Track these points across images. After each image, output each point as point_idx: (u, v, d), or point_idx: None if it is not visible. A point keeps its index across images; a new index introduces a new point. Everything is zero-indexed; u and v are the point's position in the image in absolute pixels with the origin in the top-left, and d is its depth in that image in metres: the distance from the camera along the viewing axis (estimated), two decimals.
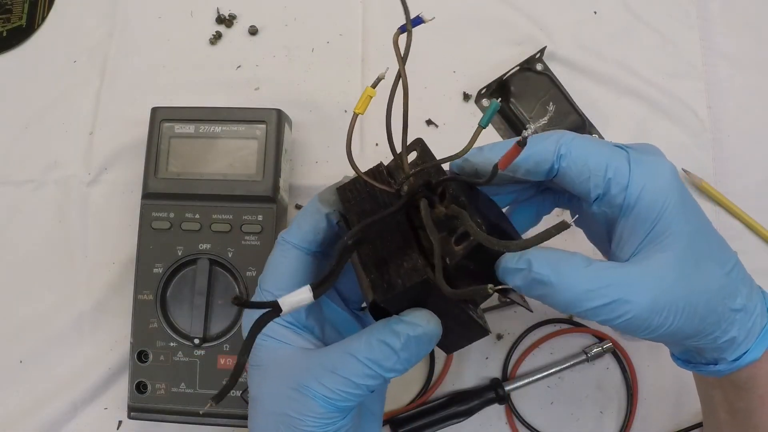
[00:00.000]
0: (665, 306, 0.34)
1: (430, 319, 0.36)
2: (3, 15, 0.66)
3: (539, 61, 0.63)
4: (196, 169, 0.55)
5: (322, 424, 0.36)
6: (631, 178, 0.36)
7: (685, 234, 0.36)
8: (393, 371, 0.36)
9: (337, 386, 0.36)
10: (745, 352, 0.37)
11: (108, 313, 0.59)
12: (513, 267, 0.34)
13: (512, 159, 0.33)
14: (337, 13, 0.65)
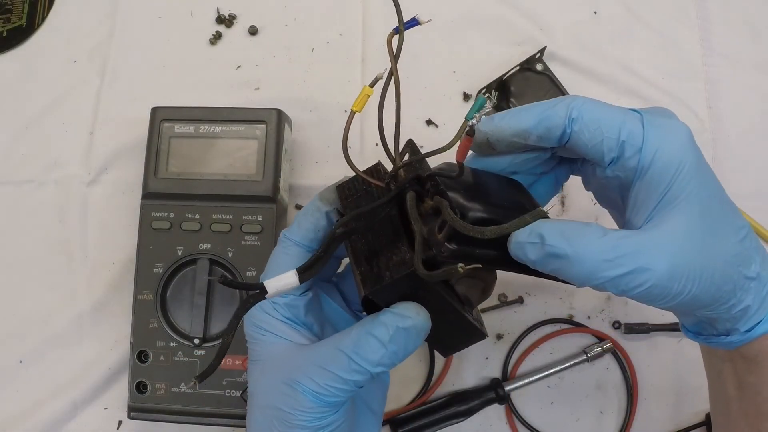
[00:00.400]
0: (683, 272, 0.33)
1: (419, 311, 0.36)
2: (3, 15, 0.66)
3: (539, 61, 0.63)
4: (196, 169, 0.55)
5: (313, 418, 0.36)
6: (645, 140, 0.35)
7: (701, 198, 0.35)
8: (380, 365, 0.36)
9: (325, 381, 0.36)
10: (759, 322, 0.37)
11: (108, 313, 0.59)
12: (525, 241, 0.34)
13: (466, 150, 0.34)
14: (337, 13, 0.65)
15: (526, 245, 0.34)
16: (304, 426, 0.36)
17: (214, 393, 0.52)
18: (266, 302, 0.40)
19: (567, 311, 0.59)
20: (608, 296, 0.59)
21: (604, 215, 0.61)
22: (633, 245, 0.33)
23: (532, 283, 0.59)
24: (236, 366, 0.52)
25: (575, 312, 0.59)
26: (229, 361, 0.52)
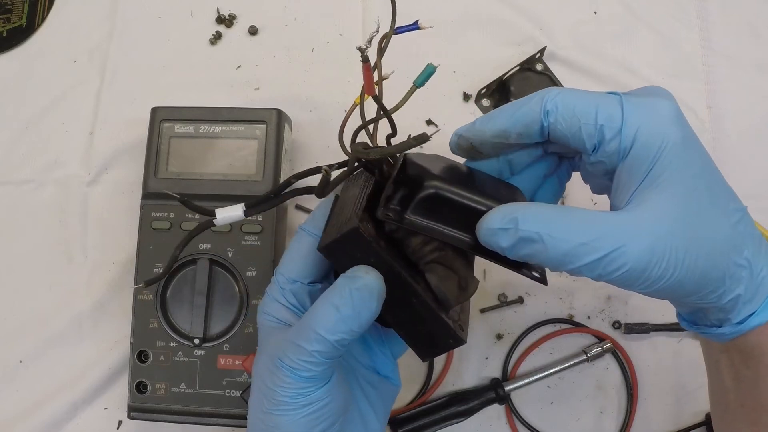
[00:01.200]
0: (664, 255, 0.32)
1: (369, 271, 0.36)
2: (3, 15, 0.66)
3: (539, 61, 0.63)
4: (196, 169, 0.55)
5: (295, 394, 0.37)
6: (624, 121, 0.34)
7: (686, 177, 0.33)
8: (336, 332, 0.35)
9: (297, 356, 0.36)
10: (751, 314, 0.35)
11: (108, 313, 0.59)
12: (498, 227, 0.33)
13: (371, 80, 0.36)
14: (337, 13, 0.65)
15: (499, 232, 0.33)
16: (287, 402, 0.37)
17: (214, 393, 0.52)
18: (275, 287, 0.41)
19: (567, 311, 0.59)
20: (608, 296, 0.59)
21: None
22: (609, 226, 0.32)
23: (532, 283, 0.59)
24: (236, 366, 0.52)
25: (575, 312, 0.59)
26: (229, 361, 0.52)
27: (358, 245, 0.37)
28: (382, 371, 0.45)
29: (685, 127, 0.35)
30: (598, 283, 0.59)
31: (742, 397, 0.39)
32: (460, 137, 0.40)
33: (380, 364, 0.45)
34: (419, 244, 0.38)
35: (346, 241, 0.37)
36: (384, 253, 0.37)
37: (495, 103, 0.63)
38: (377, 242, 0.37)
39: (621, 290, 0.59)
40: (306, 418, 0.37)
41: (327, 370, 0.37)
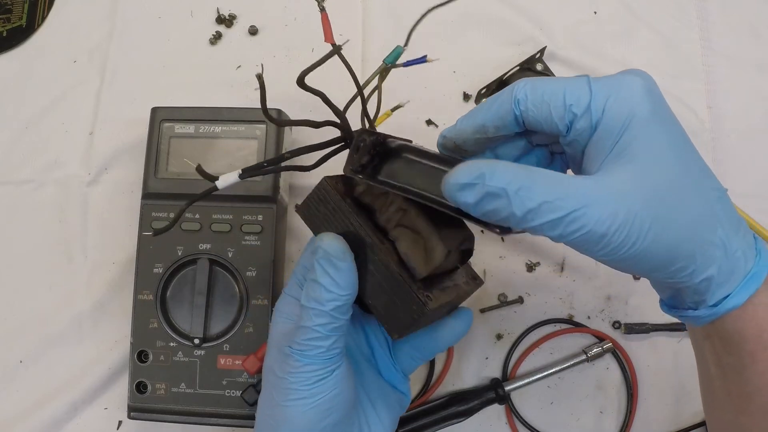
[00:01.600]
0: (627, 221, 0.32)
1: (325, 236, 0.39)
2: (3, 15, 0.66)
3: (539, 61, 0.63)
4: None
5: (304, 379, 0.38)
6: (592, 96, 0.34)
7: (656, 149, 0.34)
8: (328, 301, 0.38)
9: (302, 337, 0.39)
10: (726, 296, 0.35)
11: (108, 313, 0.59)
12: (464, 182, 0.33)
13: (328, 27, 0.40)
14: (337, 13, 0.65)
15: (465, 187, 0.33)
16: (297, 390, 0.38)
17: (214, 393, 0.52)
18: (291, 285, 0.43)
19: (567, 311, 0.59)
20: (608, 296, 0.59)
21: None
22: (573, 188, 0.32)
23: (532, 283, 0.59)
24: (236, 366, 0.52)
25: (575, 312, 0.59)
26: (229, 361, 0.52)
27: (327, 202, 0.40)
28: (391, 382, 0.46)
29: (656, 101, 0.35)
30: (598, 283, 0.60)
31: (728, 385, 0.39)
32: (444, 138, 0.41)
33: (390, 375, 0.46)
34: (385, 205, 0.40)
35: (317, 198, 0.41)
36: (349, 210, 0.39)
37: None
38: (343, 198, 0.40)
39: (621, 290, 0.59)
40: (315, 410, 0.38)
41: (334, 352, 0.39)
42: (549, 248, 0.60)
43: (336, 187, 0.41)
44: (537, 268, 0.60)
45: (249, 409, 0.51)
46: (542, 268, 0.60)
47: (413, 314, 0.38)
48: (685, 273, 0.34)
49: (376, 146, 0.41)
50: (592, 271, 0.59)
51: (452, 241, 0.40)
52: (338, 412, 0.40)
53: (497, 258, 0.60)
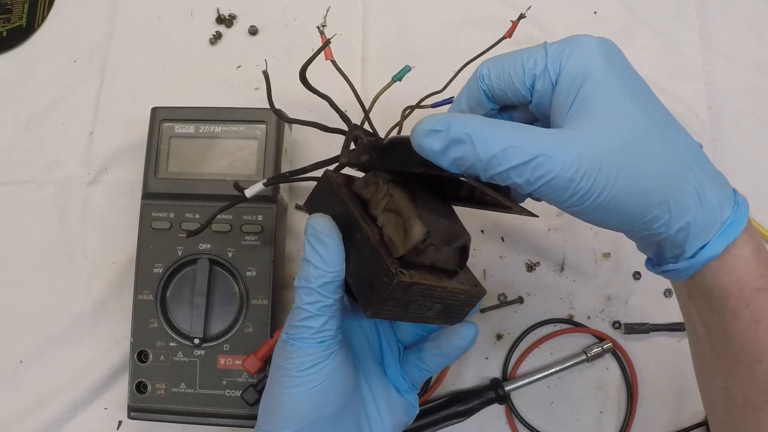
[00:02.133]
0: (593, 167, 0.32)
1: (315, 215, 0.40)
2: (3, 15, 0.66)
3: None
4: (196, 169, 0.55)
5: (300, 363, 0.39)
6: (548, 58, 0.36)
7: (615, 99, 0.34)
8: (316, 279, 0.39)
9: (295, 320, 0.40)
10: (704, 246, 0.35)
11: (108, 313, 0.59)
12: (430, 129, 0.34)
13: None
14: (337, 13, 0.65)
15: (432, 134, 0.34)
16: (291, 376, 0.39)
17: (214, 393, 0.52)
18: None
19: (567, 311, 0.59)
20: (608, 296, 0.59)
21: None
22: (538, 134, 0.33)
23: (532, 283, 0.59)
24: (236, 366, 0.52)
25: (575, 312, 0.59)
26: (229, 361, 0.52)
27: (327, 192, 0.43)
28: (399, 390, 0.46)
29: (611, 56, 0.35)
30: (598, 283, 0.60)
31: (716, 348, 0.38)
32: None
33: (397, 383, 0.46)
34: (376, 194, 0.42)
35: (318, 190, 0.44)
36: (343, 196, 0.41)
37: None
38: (340, 187, 0.42)
39: (621, 290, 0.59)
40: (308, 398, 0.39)
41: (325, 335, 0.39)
42: (549, 248, 0.60)
43: (335, 179, 0.43)
44: (537, 268, 0.60)
45: (249, 409, 0.51)
46: (542, 268, 0.60)
47: (385, 287, 0.38)
48: (660, 222, 0.34)
49: (376, 148, 0.42)
50: (592, 271, 0.59)
51: (436, 225, 0.40)
52: (333, 404, 0.40)
53: (497, 258, 0.60)
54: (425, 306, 0.41)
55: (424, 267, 0.41)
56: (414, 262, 0.40)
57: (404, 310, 0.40)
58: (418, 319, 0.42)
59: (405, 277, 0.38)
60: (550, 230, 0.60)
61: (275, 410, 0.40)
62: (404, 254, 0.39)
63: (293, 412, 0.39)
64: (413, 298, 0.39)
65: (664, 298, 0.59)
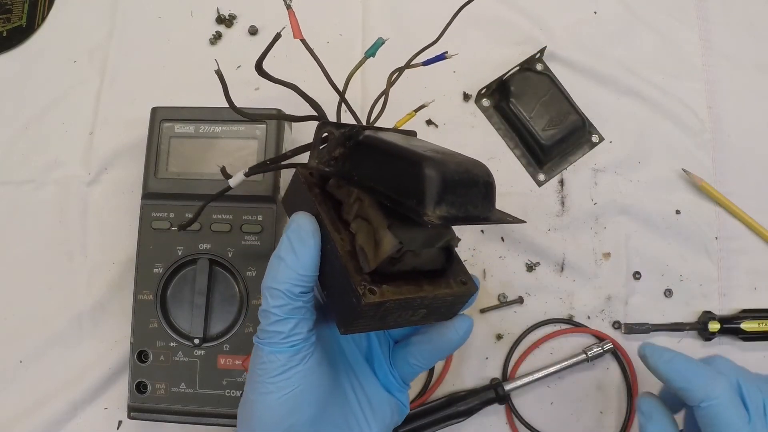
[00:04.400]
0: None
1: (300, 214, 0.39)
2: (3, 15, 0.66)
3: (539, 61, 0.63)
4: (196, 169, 0.55)
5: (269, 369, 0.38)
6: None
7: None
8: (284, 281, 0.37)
9: (263, 324, 0.38)
10: None
11: (108, 313, 0.59)
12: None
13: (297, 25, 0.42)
14: (337, 13, 0.65)
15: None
16: (263, 382, 0.38)
17: (214, 393, 0.52)
18: None
19: (567, 311, 0.59)
20: (608, 296, 0.59)
21: (604, 215, 0.61)
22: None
23: (532, 283, 0.59)
24: (236, 366, 0.52)
25: (575, 312, 0.59)
26: (229, 361, 0.52)
27: (298, 192, 0.40)
28: (389, 389, 0.45)
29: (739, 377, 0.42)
30: (598, 283, 0.60)
31: None
32: (642, 356, 0.45)
33: (387, 382, 0.45)
34: (348, 197, 0.39)
35: (292, 188, 0.41)
36: (312, 199, 0.39)
37: (495, 103, 0.63)
38: (311, 188, 0.40)
39: (621, 290, 0.59)
40: (282, 405, 0.38)
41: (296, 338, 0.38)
42: (549, 248, 0.60)
43: (306, 178, 0.40)
44: (537, 268, 0.60)
45: None
46: (542, 268, 0.60)
47: (353, 307, 0.36)
48: None
49: (349, 138, 0.40)
50: (592, 271, 0.59)
51: (411, 236, 0.37)
52: (310, 409, 0.39)
53: (497, 258, 0.60)
54: (407, 314, 0.39)
55: (403, 274, 0.38)
56: (390, 272, 0.38)
57: (382, 322, 0.38)
58: (402, 325, 0.40)
59: (374, 296, 0.36)
60: (550, 230, 0.60)
61: (250, 417, 0.39)
62: (377, 267, 0.37)
63: (268, 419, 0.38)
64: (389, 311, 0.37)
65: (664, 298, 0.59)
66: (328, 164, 0.40)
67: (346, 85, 0.43)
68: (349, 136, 0.40)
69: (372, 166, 0.38)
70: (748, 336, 0.58)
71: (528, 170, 0.62)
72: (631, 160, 0.62)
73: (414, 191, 0.35)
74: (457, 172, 0.36)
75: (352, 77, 0.43)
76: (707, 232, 0.61)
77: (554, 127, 0.60)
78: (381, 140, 0.39)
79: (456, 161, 0.37)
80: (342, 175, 0.40)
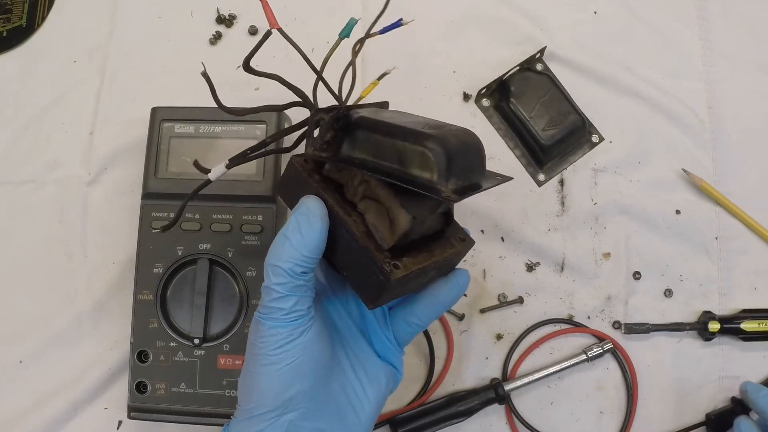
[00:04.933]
0: None
1: (309, 197, 0.40)
2: (3, 15, 0.66)
3: (539, 61, 0.63)
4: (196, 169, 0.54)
5: (271, 342, 0.39)
6: None
7: None
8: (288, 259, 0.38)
9: (265, 299, 0.39)
10: None
11: (108, 313, 0.59)
12: None
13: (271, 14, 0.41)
14: (337, 13, 0.65)
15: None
16: (264, 354, 0.39)
17: (214, 393, 0.52)
18: None
19: (567, 311, 0.59)
20: (608, 296, 0.59)
21: (604, 215, 0.61)
22: None
23: (532, 283, 0.59)
24: (236, 366, 0.52)
25: (575, 312, 0.59)
26: (229, 361, 0.52)
27: (297, 180, 0.41)
28: (384, 356, 0.46)
29: None
30: (598, 283, 0.60)
31: None
32: (743, 392, 0.54)
33: (383, 348, 0.45)
34: (350, 179, 0.41)
35: (288, 178, 0.41)
36: (316, 187, 0.40)
37: (495, 103, 0.63)
38: (310, 175, 0.41)
39: (621, 290, 0.59)
40: (283, 376, 0.39)
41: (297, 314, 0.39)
42: (549, 248, 0.60)
43: (303, 166, 0.41)
44: (537, 268, 0.60)
45: None
46: (542, 268, 0.60)
47: (381, 284, 0.39)
48: None
49: (338, 120, 0.41)
50: (592, 271, 0.59)
51: (419, 208, 0.40)
52: (309, 379, 0.40)
53: (497, 258, 0.60)
54: (422, 278, 0.42)
55: (414, 243, 0.41)
56: (403, 244, 0.40)
57: (403, 289, 0.41)
58: (417, 289, 0.43)
59: (399, 271, 0.39)
60: (550, 230, 0.60)
61: (252, 389, 0.40)
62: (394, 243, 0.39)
63: (270, 390, 0.40)
64: (410, 280, 0.40)
65: (664, 298, 0.59)
66: (322, 149, 0.41)
67: (323, 66, 0.43)
68: (337, 118, 0.41)
69: (372, 148, 0.40)
70: (748, 336, 0.58)
71: (528, 170, 0.62)
72: (631, 160, 0.62)
73: (424, 170, 0.38)
74: (457, 144, 0.39)
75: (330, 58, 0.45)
76: (707, 232, 0.61)
77: (554, 127, 0.60)
78: (377, 121, 0.40)
79: (451, 133, 0.39)
80: (342, 160, 0.40)
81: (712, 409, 0.58)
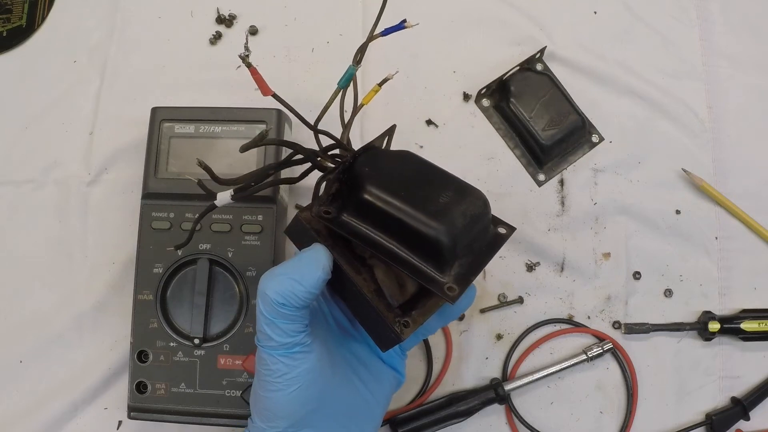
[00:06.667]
0: None
1: (319, 245, 0.40)
2: (3, 15, 0.66)
3: (539, 61, 0.63)
4: (197, 169, 0.54)
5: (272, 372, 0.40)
6: None
7: None
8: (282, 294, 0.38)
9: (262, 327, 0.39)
10: None
11: (108, 313, 0.59)
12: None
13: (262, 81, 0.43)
14: (337, 13, 0.65)
15: None
16: (270, 381, 0.40)
17: (214, 393, 0.52)
18: None
19: (567, 311, 0.59)
20: (608, 296, 0.59)
21: (604, 215, 0.61)
22: None
23: (532, 283, 0.59)
24: (236, 366, 0.52)
25: (575, 312, 0.59)
26: (229, 361, 0.52)
27: (303, 232, 0.41)
28: (388, 360, 0.46)
29: None
30: (598, 283, 0.60)
31: None
32: None
33: (387, 353, 0.46)
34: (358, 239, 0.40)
35: (295, 231, 0.42)
36: (325, 244, 0.40)
37: (495, 103, 0.63)
38: (319, 233, 0.40)
39: (621, 290, 0.59)
40: (293, 399, 0.40)
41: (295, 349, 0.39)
42: (549, 248, 0.60)
43: (310, 222, 0.41)
44: (537, 268, 0.60)
45: (249, 410, 0.51)
46: (542, 268, 0.60)
47: (392, 340, 0.40)
48: None
49: (343, 173, 0.41)
50: (592, 271, 0.59)
51: None
52: (317, 399, 0.41)
53: (497, 258, 0.60)
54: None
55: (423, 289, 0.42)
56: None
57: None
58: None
59: (409, 329, 0.39)
60: (550, 230, 0.60)
61: (265, 410, 0.41)
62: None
63: (281, 412, 0.41)
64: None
65: (664, 298, 0.59)
66: (328, 205, 0.41)
67: (319, 119, 0.43)
68: (342, 171, 0.41)
69: (379, 218, 0.39)
70: (748, 336, 0.58)
71: (528, 170, 0.62)
72: (631, 160, 0.62)
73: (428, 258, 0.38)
74: (463, 224, 0.39)
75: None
76: (707, 232, 0.61)
77: (554, 127, 0.60)
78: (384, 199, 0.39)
79: (460, 212, 0.39)
80: (348, 229, 0.40)
81: (712, 409, 0.58)
